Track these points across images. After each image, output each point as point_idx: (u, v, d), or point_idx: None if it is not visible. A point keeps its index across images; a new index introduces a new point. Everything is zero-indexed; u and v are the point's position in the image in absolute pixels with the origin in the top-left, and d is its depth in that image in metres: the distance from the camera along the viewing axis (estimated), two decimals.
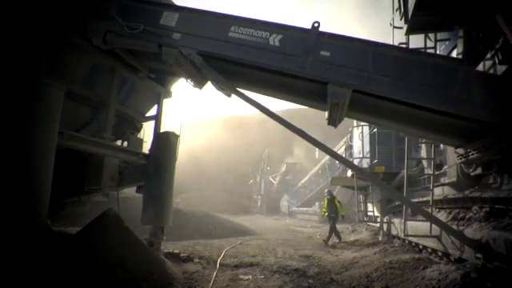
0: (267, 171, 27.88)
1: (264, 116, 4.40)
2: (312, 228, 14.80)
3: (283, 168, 26.11)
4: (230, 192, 28.80)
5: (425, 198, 5.39)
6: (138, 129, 5.88)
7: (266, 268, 5.51)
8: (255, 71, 3.91)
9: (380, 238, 8.07)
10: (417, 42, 4.60)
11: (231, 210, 22.30)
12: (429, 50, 4.58)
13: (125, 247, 4.41)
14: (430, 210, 4.59)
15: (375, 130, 8.12)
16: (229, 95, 4.40)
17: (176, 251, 5.90)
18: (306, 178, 21.57)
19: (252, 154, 30.68)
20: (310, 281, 4.77)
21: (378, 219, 8.54)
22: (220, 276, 4.98)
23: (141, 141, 5.80)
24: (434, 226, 4.39)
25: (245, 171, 30.38)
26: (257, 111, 4.27)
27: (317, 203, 18.37)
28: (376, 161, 8.02)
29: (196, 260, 5.86)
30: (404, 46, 4.41)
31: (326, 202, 9.51)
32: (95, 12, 4.15)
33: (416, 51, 3.99)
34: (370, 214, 9.35)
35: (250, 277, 4.94)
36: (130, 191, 6.94)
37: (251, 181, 29.07)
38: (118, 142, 5.61)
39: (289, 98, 4.41)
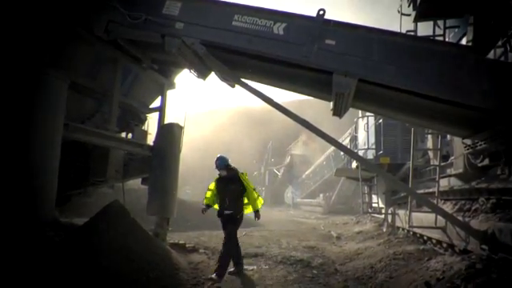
0: (271, 163, 27.89)
1: (268, 107, 4.36)
2: (316, 219, 14.84)
3: (287, 159, 26.10)
4: None
5: (430, 190, 5.34)
6: (143, 120, 5.90)
7: (271, 258, 5.54)
8: (259, 61, 3.86)
9: (384, 230, 8.08)
10: (425, 29, 4.47)
11: None
12: (437, 38, 4.47)
13: (131, 238, 4.45)
14: (435, 201, 4.55)
15: (381, 120, 8.01)
16: (233, 86, 4.36)
17: (181, 242, 5.96)
18: (310, 170, 21.54)
19: (256, 145, 30.63)
20: (314, 271, 4.80)
21: (383, 210, 8.51)
22: None
23: (145, 132, 5.82)
24: (439, 217, 4.36)
25: (249, 163, 30.43)
26: (261, 102, 4.23)
27: (321, 194, 18.39)
28: (381, 152, 7.94)
29: (201, 250, 5.92)
30: (412, 33, 4.29)
31: (213, 183, 4.66)
32: (97, 2, 4.11)
33: (424, 39, 3.88)
34: (374, 205, 9.32)
35: (255, 267, 4.98)
36: (135, 183, 6.99)
37: (255, 172, 29.11)
38: (123, 134, 5.63)
39: (293, 89, 4.36)
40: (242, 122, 32.90)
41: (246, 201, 4.50)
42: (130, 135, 5.68)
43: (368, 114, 8.38)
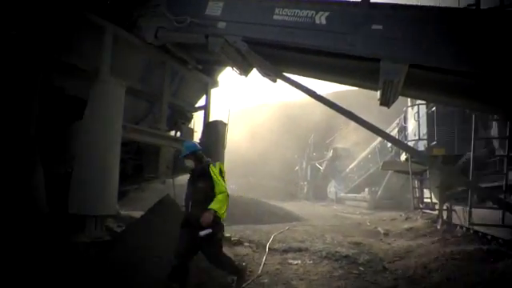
0: (313, 157, 27.38)
1: (309, 101, 4.30)
2: (361, 215, 14.31)
3: (330, 153, 25.38)
4: (276, 178, 28.95)
5: (496, 183, 4.83)
6: (189, 119, 6.20)
7: (315, 253, 5.49)
8: (301, 53, 3.80)
9: (438, 227, 7.51)
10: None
11: (278, 196, 22.48)
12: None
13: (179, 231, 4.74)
14: (503, 196, 4.11)
15: (434, 108, 7.37)
16: (274, 81, 4.38)
17: (227, 235, 6.17)
18: (354, 164, 20.73)
19: (297, 139, 30.27)
20: (360, 268, 4.66)
21: (436, 206, 7.90)
22: (269, 259, 5.10)
23: (192, 130, 6.11)
24: (507, 214, 3.94)
25: (291, 157, 30.23)
26: (301, 96, 4.19)
27: (366, 189, 17.63)
28: (435, 142, 7.32)
29: (246, 244, 6.07)
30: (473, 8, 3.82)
31: None
32: (146, 10, 4.40)
33: (490, 13, 3.38)
34: (426, 200, 8.69)
35: (299, 261, 4.98)
36: (182, 178, 7.38)
37: (297, 167, 28.85)
38: (172, 133, 5.99)
39: (337, 79, 4.23)
40: (282, 117, 32.71)
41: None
42: (178, 133, 6.01)
43: (419, 101, 7.77)
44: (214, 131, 5.65)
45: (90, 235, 3.85)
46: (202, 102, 6.39)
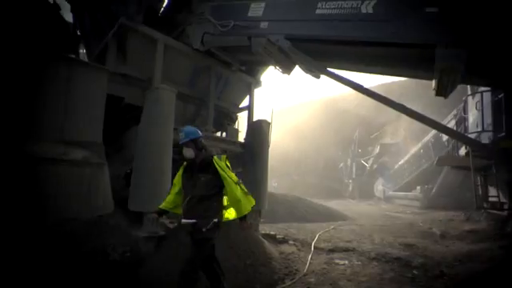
0: (358, 154, 26.27)
1: (353, 96, 4.17)
2: (412, 214, 13.39)
3: (377, 150, 24.12)
4: (319, 176, 28.39)
5: None
6: (234, 120, 6.39)
7: (363, 254, 5.32)
8: (346, 47, 3.69)
9: (509, 229, 6.72)
10: None
11: (322, 195, 22.01)
12: None
13: (229, 227, 4.92)
14: None
15: (501, 95, 6.53)
16: (318, 77, 4.31)
17: (272, 233, 6.24)
18: (404, 160, 19.44)
19: (341, 136, 29.24)
20: (414, 272, 4.39)
21: (505, 206, 7.06)
22: (315, 259, 5.05)
23: (237, 131, 6.29)
24: None
25: (334, 154, 29.37)
26: (344, 92, 4.08)
27: (418, 187, 16.42)
28: (503, 134, 6.48)
29: (291, 242, 6.08)
30: None
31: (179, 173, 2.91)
32: (192, 19, 4.64)
33: None
34: (492, 199, 7.80)
35: (346, 262, 4.86)
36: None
37: (341, 164, 27.94)
38: (218, 134, 6.23)
39: (386, 71, 4.03)
40: (325, 113, 31.83)
41: (226, 202, 2.75)
42: (224, 134, 6.23)
43: (482, 89, 6.97)
44: (259, 131, 5.76)
45: (147, 230, 4.20)
46: (245, 102, 6.55)
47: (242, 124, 6.56)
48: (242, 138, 6.20)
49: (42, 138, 3.06)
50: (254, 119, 6.07)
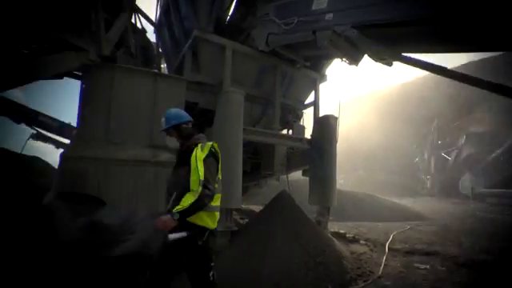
0: (438, 146, 23.36)
1: (428, 81, 3.69)
2: None
3: (462, 140, 21.09)
4: (390, 172, 26.12)
5: None
6: (300, 116, 6.38)
7: (449, 259, 4.77)
8: (423, 27, 3.29)
9: None
10: None
11: (394, 192, 20.25)
12: None
13: (298, 224, 4.95)
14: None
15: None
16: (390, 64, 3.99)
17: (341, 231, 6.06)
18: (499, 151, 16.58)
19: (416, 127, 26.36)
20: None
21: None
22: (390, 260, 4.75)
23: (303, 127, 6.27)
24: None
25: (408, 147, 26.68)
26: (415, 78, 3.63)
27: None
28: None
29: (362, 242, 5.82)
30: None
31: None
32: (257, 21, 4.77)
33: None
34: None
35: (428, 266, 4.44)
36: (295, 174, 7.64)
37: (417, 158, 25.26)
38: (284, 131, 6.31)
39: (473, 47, 3.47)
40: (396, 102, 29.08)
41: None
42: (290, 131, 6.28)
43: None
44: (326, 126, 5.63)
45: (222, 225, 4.51)
46: (310, 98, 6.47)
47: (307, 120, 6.50)
48: (308, 134, 6.15)
49: (137, 144, 3.58)
50: (321, 114, 5.96)
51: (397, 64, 3.91)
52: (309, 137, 5.90)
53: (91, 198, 3.36)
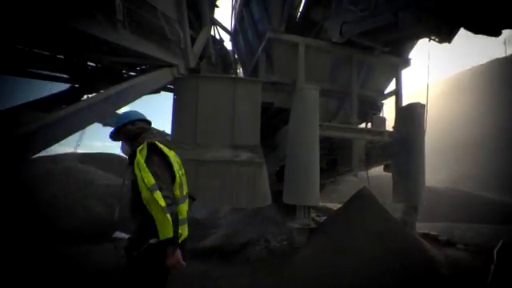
0: None
1: None
2: None
3: None
4: (497, 166, 21.86)
5: None
6: (379, 108, 5.91)
7: None
8: None
9: None
10: None
11: (499, 189, 17.07)
12: None
13: (380, 223, 4.63)
14: None
15: None
16: (497, 34, 3.31)
17: (432, 233, 5.45)
18: None
19: None
20: None
21: None
22: (500, 271, 4.05)
23: (383, 119, 5.81)
24: None
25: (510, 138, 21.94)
26: None
27: None
28: None
29: (459, 246, 5.12)
30: None
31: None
32: (329, 13, 4.57)
33: None
34: None
35: None
36: (374, 170, 7.14)
37: None
38: (363, 125, 5.95)
39: None
40: (502, 79, 24.20)
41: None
42: (369, 124, 5.89)
43: None
44: (411, 115, 5.08)
45: (299, 222, 4.54)
46: (391, 86, 5.91)
47: (388, 111, 5.97)
48: (389, 126, 5.66)
49: (221, 145, 3.89)
50: (404, 103, 5.40)
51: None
52: (390, 129, 5.43)
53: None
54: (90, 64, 3.35)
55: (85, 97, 3.31)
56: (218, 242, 5.22)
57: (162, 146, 1.74)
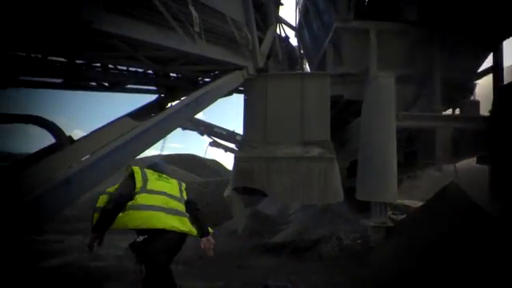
0: None
1: None
2: None
3: None
4: None
5: None
6: (470, 90, 5.09)
7: None
8: None
9: None
10: None
11: None
12: None
13: (472, 223, 4.06)
14: None
15: None
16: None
17: None
18: None
19: None
20: None
21: None
22: None
23: (476, 103, 5.01)
24: None
25: None
26: None
27: None
28: None
29: None
30: None
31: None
32: None
33: None
34: None
35: None
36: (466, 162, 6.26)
37: None
38: (449, 111, 5.24)
39: None
40: None
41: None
42: (457, 110, 5.16)
43: None
44: None
45: (375, 220, 4.26)
46: (487, 63, 5.03)
47: (483, 92, 5.10)
48: (484, 110, 4.86)
49: (291, 142, 3.91)
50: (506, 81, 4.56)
51: None
52: (486, 113, 4.67)
53: (257, 191, 3.91)
54: (172, 75, 3.72)
55: (169, 105, 3.72)
56: (289, 238, 5.28)
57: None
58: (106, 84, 3.33)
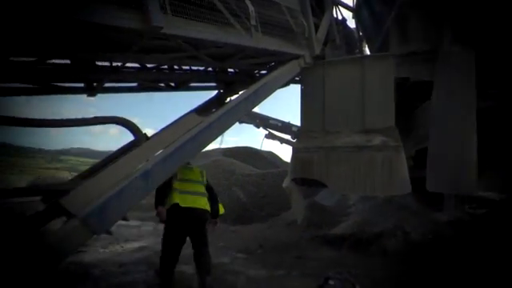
0: None
1: None
2: None
3: None
4: None
5: None
6: None
7: None
8: None
9: None
10: None
11: None
12: None
13: None
14: None
15: None
16: None
17: None
18: None
19: None
20: None
21: None
22: None
23: None
24: None
25: None
26: None
27: None
28: None
29: None
30: None
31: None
32: None
33: None
34: None
35: None
36: None
37: None
38: None
39: None
40: None
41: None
42: None
43: None
44: None
45: (450, 214, 3.85)
46: None
47: None
48: None
49: (351, 130, 3.72)
50: None
51: None
52: None
53: (316, 182, 3.83)
54: (229, 70, 3.83)
55: (228, 99, 3.85)
56: (349, 231, 5.12)
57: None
58: (173, 84, 3.61)
